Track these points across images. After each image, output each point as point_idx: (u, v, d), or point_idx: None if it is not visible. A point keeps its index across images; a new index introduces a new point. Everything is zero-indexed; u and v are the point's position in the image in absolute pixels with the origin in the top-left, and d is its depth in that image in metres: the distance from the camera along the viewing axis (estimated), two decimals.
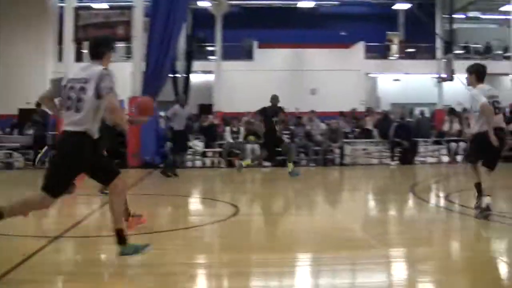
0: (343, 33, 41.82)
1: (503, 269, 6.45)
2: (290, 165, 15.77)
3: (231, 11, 35.45)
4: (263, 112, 15.97)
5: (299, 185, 14.73)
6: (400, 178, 17.25)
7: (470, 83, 9.25)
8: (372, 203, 12.39)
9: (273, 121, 15.78)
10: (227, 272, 6.15)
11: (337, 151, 20.21)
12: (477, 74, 9.12)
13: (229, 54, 35.64)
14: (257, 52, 36.95)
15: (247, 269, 6.25)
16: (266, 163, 19.25)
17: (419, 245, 7.42)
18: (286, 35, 38.69)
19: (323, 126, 21.25)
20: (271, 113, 15.74)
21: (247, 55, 37.24)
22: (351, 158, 20.85)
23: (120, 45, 28.25)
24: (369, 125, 22.53)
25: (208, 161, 20.79)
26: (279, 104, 15.77)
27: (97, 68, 6.01)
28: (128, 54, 27.20)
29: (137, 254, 6.12)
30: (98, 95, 5.88)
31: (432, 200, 12.12)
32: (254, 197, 13.23)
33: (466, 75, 9.29)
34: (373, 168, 19.80)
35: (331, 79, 35.27)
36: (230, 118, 21.75)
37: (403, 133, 20.05)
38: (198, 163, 20.58)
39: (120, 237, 6.07)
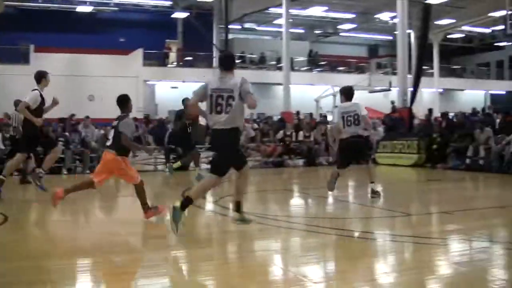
0: (122, 39, 41.65)
1: (275, 268, 6.78)
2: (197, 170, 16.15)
3: (6, 12, 34.02)
4: (177, 118, 16.29)
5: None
6: (175, 184, 17.46)
7: (342, 101, 12.11)
8: None
9: (187, 125, 15.66)
10: None
11: None
12: (346, 95, 12.00)
13: (3, 57, 34.22)
14: (34, 56, 35.70)
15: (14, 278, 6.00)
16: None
17: (194, 247, 7.60)
18: (64, 39, 37.88)
19: (99, 132, 21.06)
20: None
21: (23, 58, 35.88)
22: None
23: None
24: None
25: None
26: None
27: (237, 78, 7.91)
28: None
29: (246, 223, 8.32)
30: (241, 98, 7.81)
31: (204, 204, 12.39)
32: (25, 205, 12.78)
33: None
34: (149, 174, 19.88)
35: (109, 85, 34.90)
36: (2, 124, 20.81)
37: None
38: None
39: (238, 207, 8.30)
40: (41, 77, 12.17)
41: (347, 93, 12.08)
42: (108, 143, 9.30)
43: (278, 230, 8.92)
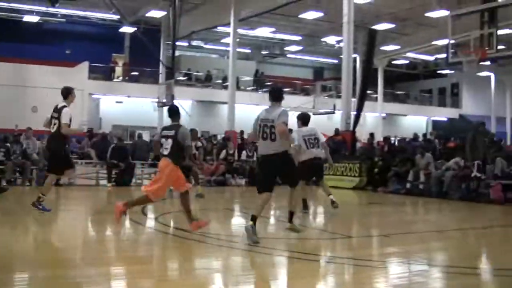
0: (68, 52, 41.23)
1: (215, 287, 6.78)
2: (199, 188, 17.07)
3: None
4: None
5: (8, 204, 14.31)
6: (115, 200, 17.30)
7: (299, 126, 13.20)
8: (85, 224, 12.31)
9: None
10: None
11: None
12: (302, 120, 13.18)
13: None
14: None
15: None
16: None
17: (134, 263, 7.56)
18: (9, 48, 37.34)
19: (41, 144, 20.74)
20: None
21: None
22: (68, 178, 20.57)
23: None
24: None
25: None
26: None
27: (279, 109, 9.18)
28: None
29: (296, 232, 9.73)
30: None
31: (143, 220, 12.28)
32: None
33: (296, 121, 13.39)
34: (90, 189, 19.68)
35: (53, 97, 34.40)
36: None
37: (120, 155, 20.21)
38: None
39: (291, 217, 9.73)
40: (68, 93, 12.47)
41: (303, 118, 13.33)
42: (166, 152, 9.70)
43: (219, 249, 8.91)
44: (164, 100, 33.38)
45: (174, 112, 10.28)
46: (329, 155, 14.01)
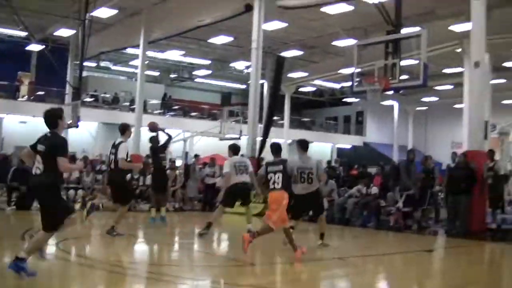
0: None
1: None
2: (163, 210, 17.08)
3: None
4: (153, 151, 17.24)
5: None
6: (15, 224, 16.85)
7: (229, 155, 14.39)
8: None
9: (161, 158, 17.10)
10: None
11: None
12: (233, 151, 14.42)
13: None
14: None
15: None
16: None
17: None
18: None
19: None
20: (159, 150, 16.89)
21: None
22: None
23: None
24: None
25: None
26: None
27: (313, 160, 12.61)
28: None
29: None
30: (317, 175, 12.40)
31: (43, 246, 11.96)
32: None
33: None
34: None
35: None
36: None
37: (21, 178, 19.50)
38: None
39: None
40: (125, 129, 13.17)
41: (234, 149, 14.63)
42: (278, 186, 11.07)
43: (121, 277, 8.76)
44: (70, 121, 32.77)
45: (277, 150, 11.84)
46: (256, 183, 14.10)
